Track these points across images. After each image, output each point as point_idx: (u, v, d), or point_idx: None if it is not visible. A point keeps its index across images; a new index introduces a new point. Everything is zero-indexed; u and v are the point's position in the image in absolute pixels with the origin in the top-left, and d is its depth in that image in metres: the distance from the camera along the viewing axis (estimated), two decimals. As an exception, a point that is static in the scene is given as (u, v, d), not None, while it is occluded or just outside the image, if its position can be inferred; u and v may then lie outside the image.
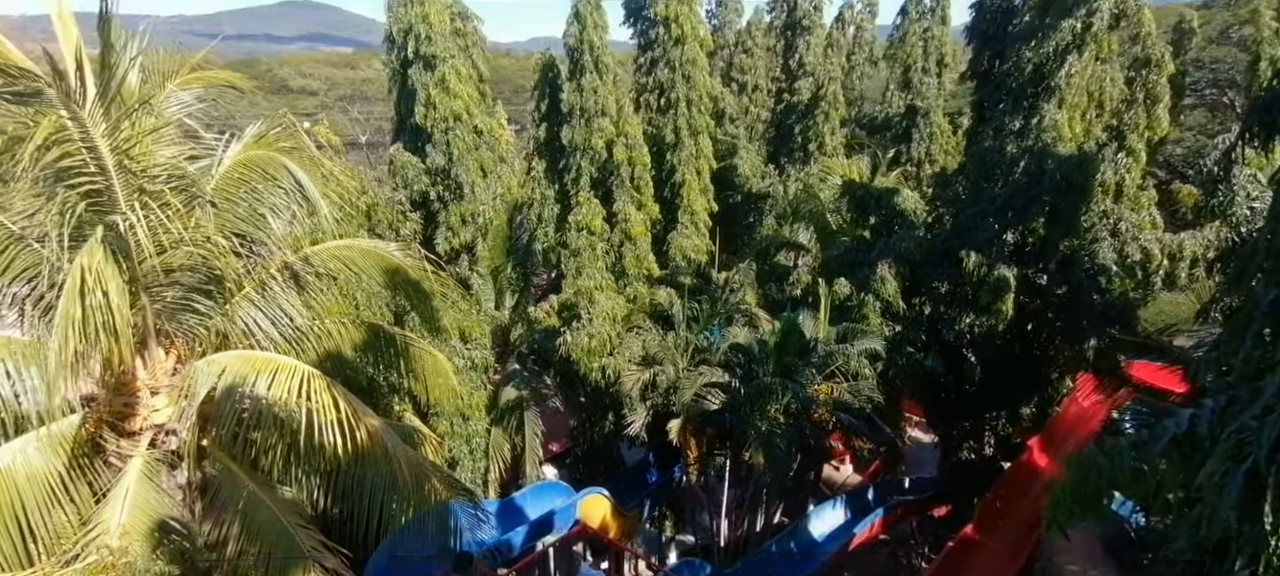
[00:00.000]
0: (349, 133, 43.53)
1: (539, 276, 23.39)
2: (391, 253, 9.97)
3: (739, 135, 27.29)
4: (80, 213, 6.70)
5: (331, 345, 9.60)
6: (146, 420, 7.02)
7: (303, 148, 9.24)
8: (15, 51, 6.69)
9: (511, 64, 63.19)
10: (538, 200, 20.44)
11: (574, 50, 17.87)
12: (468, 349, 17.99)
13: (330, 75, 61.13)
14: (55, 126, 6.42)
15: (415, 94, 17.71)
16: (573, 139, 18.17)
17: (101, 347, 5.94)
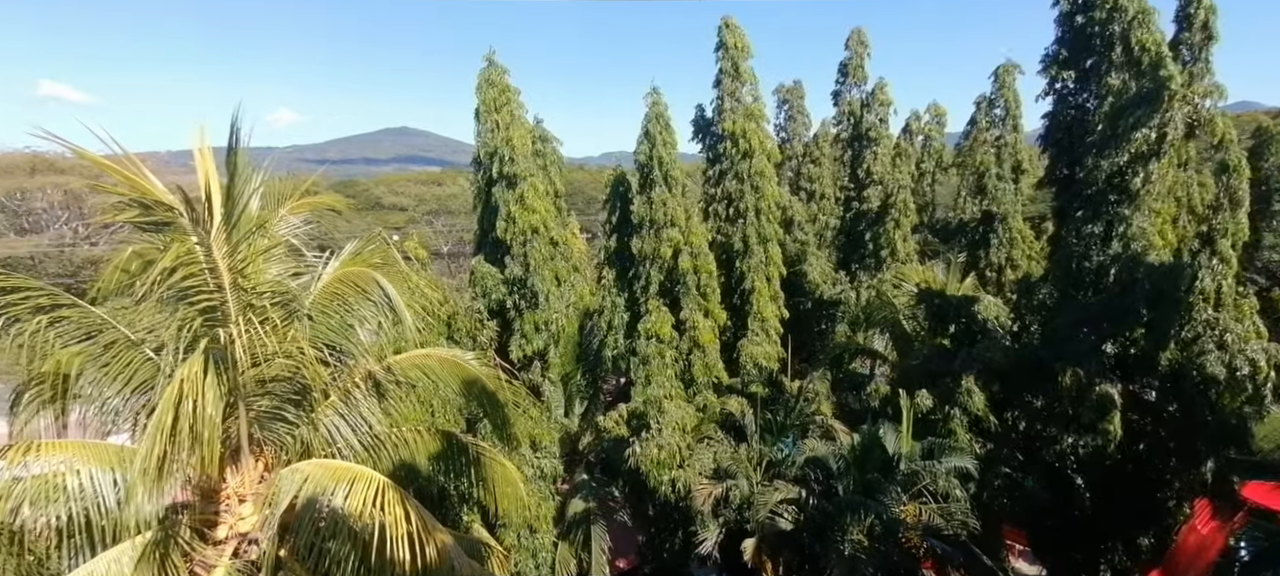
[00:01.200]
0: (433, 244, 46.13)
1: (608, 383, 23.37)
2: (468, 361, 10.20)
3: (808, 242, 27.27)
4: (195, 327, 7.26)
5: (407, 453, 9.73)
6: (233, 528, 7.19)
7: (392, 262, 9.83)
8: (156, 185, 7.50)
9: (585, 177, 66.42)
10: (608, 308, 20.77)
11: (644, 166, 18.63)
12: (537, 457, 17.90)
13: (419, 192, 65.91)
14: (183, 250, 7.07)
15: (497, 210, 18.76)
16: (642, 248, 18.60)
17: (193, 456, 6.22)
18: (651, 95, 18.64)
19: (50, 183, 39.54)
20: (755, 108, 20.81)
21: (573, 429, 20.37)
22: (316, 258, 9.24)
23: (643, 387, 17.74)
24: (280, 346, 7.35)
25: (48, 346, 7.39)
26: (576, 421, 20.55)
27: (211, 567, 6.86)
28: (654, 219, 18.49)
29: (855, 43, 27.91)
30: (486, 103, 19.00)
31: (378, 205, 61.73)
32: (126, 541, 6.57)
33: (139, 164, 7.48)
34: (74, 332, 7.48)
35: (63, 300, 7.33)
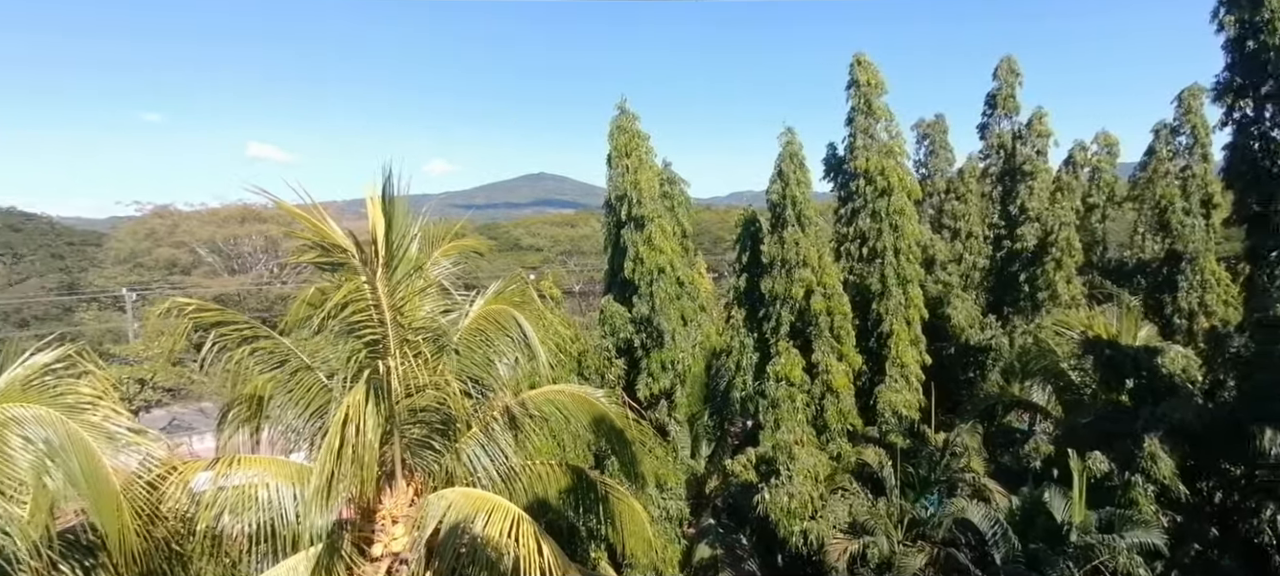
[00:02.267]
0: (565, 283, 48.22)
1: (735, 425, 22.92)
2: (598, 398, 10.44)
3: (952, 283, 25.40)
4: (361, 358, 8.07)
5: (539, 487, 10.06)
6: (387, 547, 7.79)
7: (531, 301, 10.37)
8: (335, 230, 8.49)
9: (712, 217, 66.72)
10: (736, 348, 20.51)
11: (776, 205, 18.41)
12: (663, 498, 17.84)
13: (553, 233, 69.43)
14: (352, 288, 7.92)
15: (626, 250, 19.31)
16: (772, 288, 18.26)
17: (355, 476, 6.84)
18: (786, 135, 18.49)
19: (255, 230, 46.16)
20: (893, 144, 19.97)
21: (699, 471, 20.12)
22: (463, 296, 9.96)
23: (771, 432, 17.22)
24: (431, 378, 7.96)
25: (248, 372, 8.49)
26: (703, 463, 20.30)
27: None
28: (786, 259, 18.13)
29: (1005, 72, 26.04)
30: (617, 148, 19.76)
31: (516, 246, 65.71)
32: (302, 552, 7.31)
33: (322, 212, 8.49)
34: (268, 361, 8.55)
35: (261, 332, 8.43)
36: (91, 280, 47.05)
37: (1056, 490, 14.04)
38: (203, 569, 7.38)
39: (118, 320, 39.35)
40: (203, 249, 46.67)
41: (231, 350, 8.28)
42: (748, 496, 17.11)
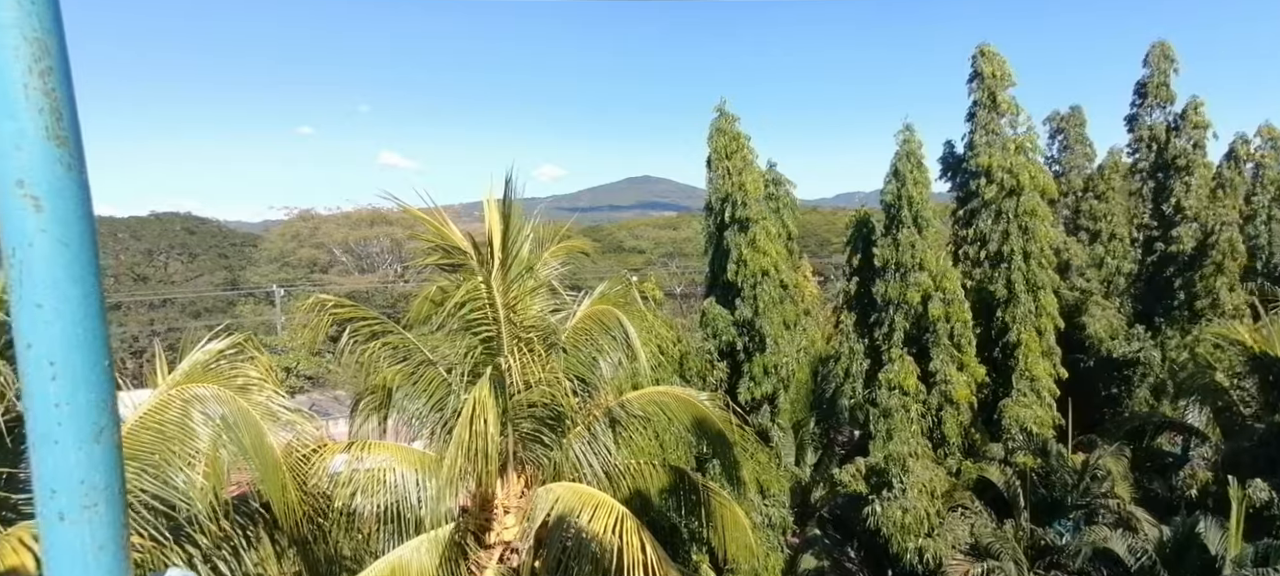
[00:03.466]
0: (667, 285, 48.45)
1: (842, 434, 22.08)
2: (701, 401, 10.42)
3: (1091, 289, 23.12)
4: (477, 355, 8.52)
5: (641, 486, 10.18)
6: (499, 536, 8.16)
7: (633, 302, 10.53)
8: (455, 233, 9.01)
9: (818, 219, 64.74)
10: (846, 354, 19.76)
11: (891, 205, 17.58)
12: (766, 504, 17.50)
13: (656, 236, 69.99)
14: (471, 288, 8.37)
15: (728, 252, 19.10)
16: (886, 293, 17.45)
17: (477, 467, 7.23)
18: (904, 133, 17.62)
19: (382, 232, 50.02)
20: (1023, 139, 18.51)
21: (804, 478, 19.56)
22: (571, 296, 10.26)
23: (883, 442, 16.44)
24: (543, 375, 8.26)
25: (377, 364, 9.18)
26: (808, 471, 19.71)
27: (483, 568, 7.84)
28: (901, 262, 17.27)
29: (1157, 58, 23.39)
30: (718, 150, 19.59)
31: (620, 248, 66.82)
32: (424, 534, 7.82)
33: (443, 216, 9.04)
34: (395, 354, 9.20)
35: (390, 327, 9.09)
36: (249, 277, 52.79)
37: (1213, 522, 12.44)
38: (340, 541, 8.06)
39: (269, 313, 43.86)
40: (338, 249, 51.12)
41: (364, 343, 8.98)
42: (856, 508, 16.43)
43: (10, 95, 0.65)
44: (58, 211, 0.68)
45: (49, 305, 0.68)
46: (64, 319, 0.68)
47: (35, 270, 0.67)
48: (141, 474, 5.88)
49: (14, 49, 0.64)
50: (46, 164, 0.67)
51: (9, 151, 0.65)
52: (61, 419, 0.69)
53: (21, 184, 0.66)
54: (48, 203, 0.67)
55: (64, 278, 0.68)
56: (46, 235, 0.67)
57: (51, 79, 0.66)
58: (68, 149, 0.68)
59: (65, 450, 0.69)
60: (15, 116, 0.65)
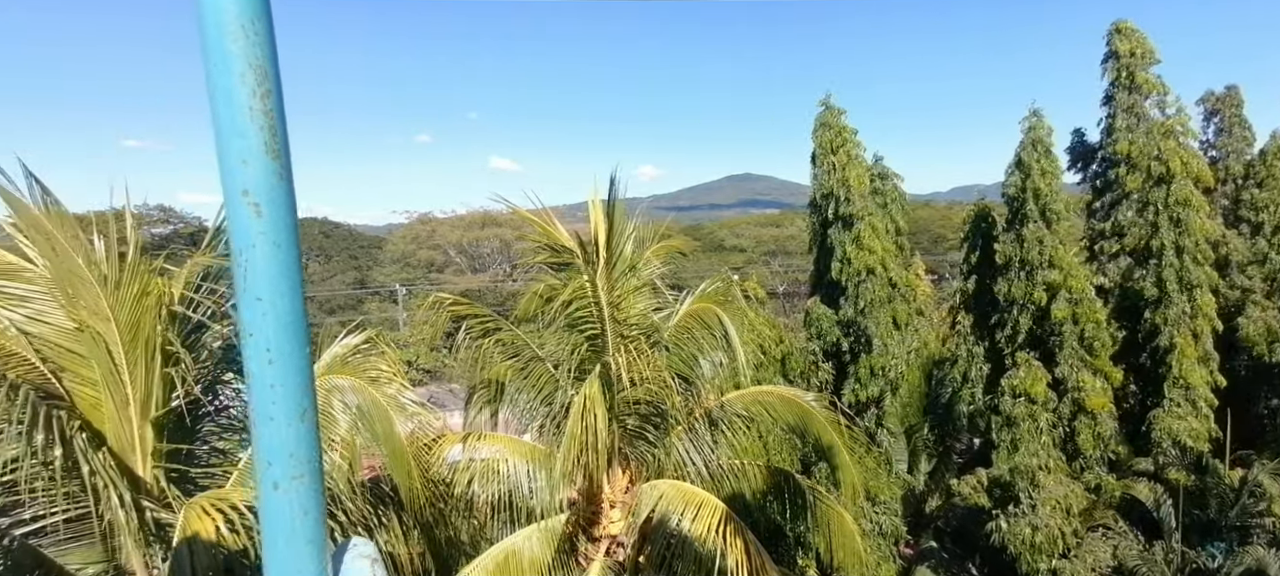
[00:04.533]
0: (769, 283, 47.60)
1: (960, 442, 20.77)
2: (808, 402, 10.18)
3: (1252, 288, 20.38)
4: (583, 352, 8.77)
5: (743, 485, 10.08)
6: (605, 529, 8.36)
7: (734, 300, 10.45)
8: (562, 233, 9.31)
9: (930, 214, 61.30)
10: (963, 357, 18.60)
11: (1014, 199, 16.35)
12: (875, 511, 16.80)
13: (757, 234, 68.87)
14: (578, 287, 8.62)
15: (832, 250, 18.49)
16: (1009, 292, 16.23)
17: (586, 461, 7.44)
18: (1030, 119, 16.35)
19: (493, 233, 52.59)
20: (1172, 122, 16.64)
21: (917, 487, 18.57)
22: (673, 295, 10.33)
23: (1007, 453, 15.31)
24: (649, 372, 8.37)
25: (490, 359, 9.66)
26: (922, 480, 18.70)
27: (591, 560, 8.06)
28: (1026, 259, 16.02)
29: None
30: (822, 145, 19.00)
31: (720, 247, 66.30)
32: (535, 524, 8.15)
33: (551, 216, 9.35)
34: (506, 350, 9.64)
35: (502, 324, 9.53)
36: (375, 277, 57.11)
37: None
38: (458, 527, 8.56)
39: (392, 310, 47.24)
40: (452, 250, 54.22)
41: (478, 339, 9.47)
42: (977, 521, 15.41)
43: (238, 116, 0.75)
44: (273, 217, 0.78)
45: (266, 299, 0.78)
46: (278, 311, 0.78)
47: (256, 268, 0.78)
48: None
49: (241, 76, 0.74)
50: (265, 175, 0.77)
51: (236, 165, 0.76)
52: (276, 399, 0.79)
53: (246, 193, 0.77)
54: (266, 209, 0.77)
55: (278, 275, 0.78)
56: (265, 237, 0.77)
57: (269, 101, 0.76)
58: (280, 161, 0.78)
59: (278, 427, 0.79)
60: (243, 134, 0.76)
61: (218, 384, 6.77)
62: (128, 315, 5.52)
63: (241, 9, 0.72)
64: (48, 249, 5.27)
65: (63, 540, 5.42)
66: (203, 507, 5.10)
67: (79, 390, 5.50)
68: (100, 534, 5.49)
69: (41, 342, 5.41)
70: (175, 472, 5.97)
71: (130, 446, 5.65)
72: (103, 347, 5.51)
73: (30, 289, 5.45)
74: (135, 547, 5.54)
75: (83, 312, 5.38)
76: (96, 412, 5.52)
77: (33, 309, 5.43)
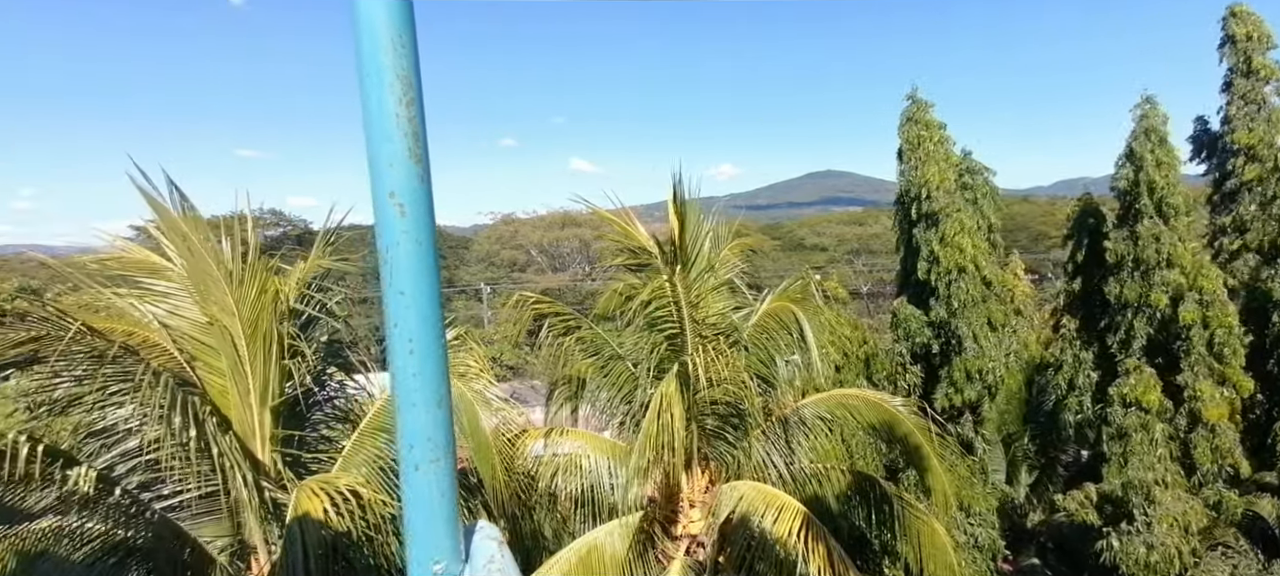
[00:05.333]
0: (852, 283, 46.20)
1: (1066, 453, 19.42)
2: (895, 406, 9.83)
3: None
4: (662, 351, 8.81)
5: (825, 489, 9.84)
6: (685, 528, 8.38)
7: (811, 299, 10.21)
8: (641, 233, 9.39)
9: (1030, 210, 57.61)
10: (1069, 363, 17.38)
11: (1126, 193, 15.15)
12: (970, 523, 15.98)
13: (840, 232, 66.87)
14: (657, 287, 8.67)
15: (919, 249, 17.76)
16: (1122, 294, 15.04)
17: (663, 459, 7.49)
18: (1142, 106, 15.13)
19: (572, 234, 53.71)
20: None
21: (1016, 499, 17.51)
22: (753, 294, 10.22)
23: (1118, 467, 14.20)
24: (727, 372, 8.31)
25: (571, 356, 9.87)
26: (1022, 492, 17.61)
27: (671, 559, 8.09)
28: (1140, 258, 14.80)
29: None
30: (909, 140, 18.32)
31: (800, 246, 64.84)
32: (616, 520, 8.27)
33: (630, 217, 9.45)
34: (587, 348, 9.82)
35: (583, 323, 9.72)
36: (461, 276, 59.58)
37: None
38: (542, 520, 8.81)
39: (477, 308, 49.09)
40: (534, 250, 55.76)
41: (560, 337, 9.69)
42: (1084, 538, 14.37)
43: (386, 122, 0.82)
44: (415, 216, 0.84)
45: (408, 293, 0.84)
46: (419, 304, 0.85)
47: (400, 265, 0.85)
48: (391, 443, 6.93)
49: (389, 86, 0.82)
50: (409, 178, 0.84)
51: (384, 168, 0.83)
52: (417, 386, 0.86)
53: (392, 195, 0.84)
54: (409, 210, 0.84)
55: (419, 271, 0.85)
56: (408, 236, 0.84)
57: (413, 109, 0.83)
58: (421, 165, 0.85)
59: (418, 413, 0.86)
60: (390, 139, 0.83)
61: (324, 376, 7.28)
62: (249, 311, 6.03)
63: (392, 26, 0.80)
64: (185, 249, 5.83)
65: (196, 514, 5.97)
66: (312, 489, 5.49)
67: (209, 378, 6.05)
68: (227, 510, 6.01)
69: (179, 335, 5.99)
70: (289, 457, 6.46)
71: (251, 431, 6.16)
72: (229, 340, 6.04)
73: (170, 286, 6.05)
74: (256, 524, 6.04)
75: (213, 308, 5.92)
76: (224, 399, 6.06)
77: (171, 304, 6.02)
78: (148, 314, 5.92)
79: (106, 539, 5.44)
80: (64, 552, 5.11)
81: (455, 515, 0.91)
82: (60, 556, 5.08)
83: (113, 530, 5.43)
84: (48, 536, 5.14)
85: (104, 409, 5.50)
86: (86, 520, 5.26)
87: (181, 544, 5.75)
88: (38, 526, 5.09)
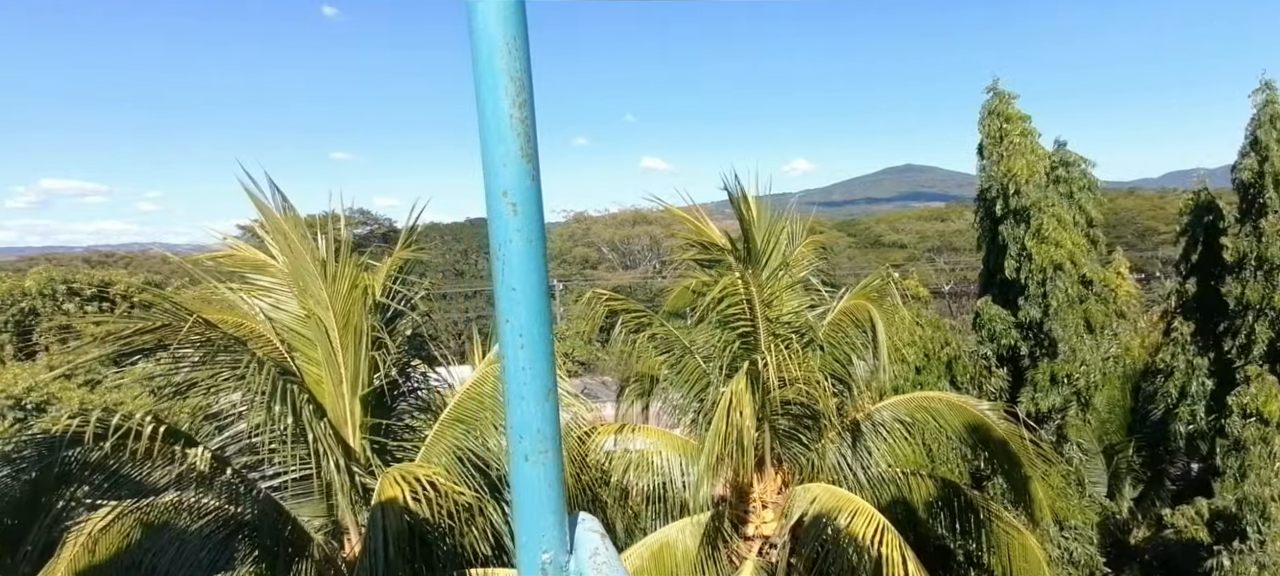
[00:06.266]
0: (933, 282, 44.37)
1: (1176, 466, 17.95)
2: (982, 410, 9.38)
3: None
4: (734, 349, 8.73)
5: (904, 495, 9.51)
6: (757, 529, 8.28)
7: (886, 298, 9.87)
8: (713, 230, 9.33)
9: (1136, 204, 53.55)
10: (1181, 369, 16.05)
11: (1248, 185, 13.85)
12: (1064, 537, 15.05)
13: (920, 228, 64.26)
14: (728, 283, 8.60)
15: (1006, 247, 16.82)
16: (1243, 295, 13.77)
17: (733, 458, 7.42)
18: (1263, 93, 13.79)
19: (643, 231, 54.03)
20: None
21: (1118, 514, 16.32)
22: (829, 292, 9.97)
23: (1233, 482, 13.03)
24: (800, 372, 8.15)
25: (643, 353, 9.93)
26: (1125, 506, 16.40)
27: (743, 559, 8.02)
28: (1264, 256, 13.50)
29: None
30: (991, 134, 17.38)
31: (877, 243, 62.72)
32: (688, 518, 8.27)
33: (702, 214, 9.40)
34: (659, 345, 9.86)
35: (654, 319, 9.76)
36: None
37: None
38: (613, 515, 8.91)
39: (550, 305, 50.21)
40: (605, 248, 56.40)
41: (632, 333, 9.76)
42: (1193, 557, 13.27)
43: (501, 123, 0.86)
44: (527, 214, 0.87)
45: (520, 289, 0.87)
46: (529, 300, 0.87)
47: (512, 261, 0.88)
48: (468, 434, 7.19)
49: (504, 88, 0.85)
50: (520, 177, 0.87)
51: (498, 168, 0.86)
52: (527, 379, 0.89)
53: (505, 193, 0.87)
54: (521, 208, 0.87)
55: (530, 267, 0.88)
56: (520, 233, 0.87)
57: (525, 110, 0.86)
58: (532, 164, 0.88)
59: (528, 405, 0.89)
60: (504, 140, 0.86)
61: (408, 368, 7.62)
62: (342, 304, 6.39)
63: (507, 30, 0.82)
64: (285, 247, 6.24)
65: (296, 495, 6.38)
66: (395, 477, 5.77)
67: (306, 368, 6.46)
68: (320, 492, 6.40)
69: (280, 326, 6.42)
70: (377, 444, 6.81)
71: (343, 419, 6.53)
72: (323, 332, 6.42)
73: (272, 281, 6.49)
74: (348, 506, 6.40)
75: (309, 301, 6.31)
76: (319, 388, 6.45)
77: (274, 298, 6.47)
78: (254, 307, 6.37)
79: (219, 514, 5.90)
80: (183, 525, 5.58)
81: (562, 506, 0.94)
82: (180, 528, 5.54)
83: (224, 506, 5.88)
84: (169, 510, 5.62)
85: (217, 394, 5.95)
86: (202, 496, 5.72)
87: (283, 521, 6.16)
88: (161, 500, 5.57)
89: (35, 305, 20.41)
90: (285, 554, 6.26)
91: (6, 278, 22.13)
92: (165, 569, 5.28)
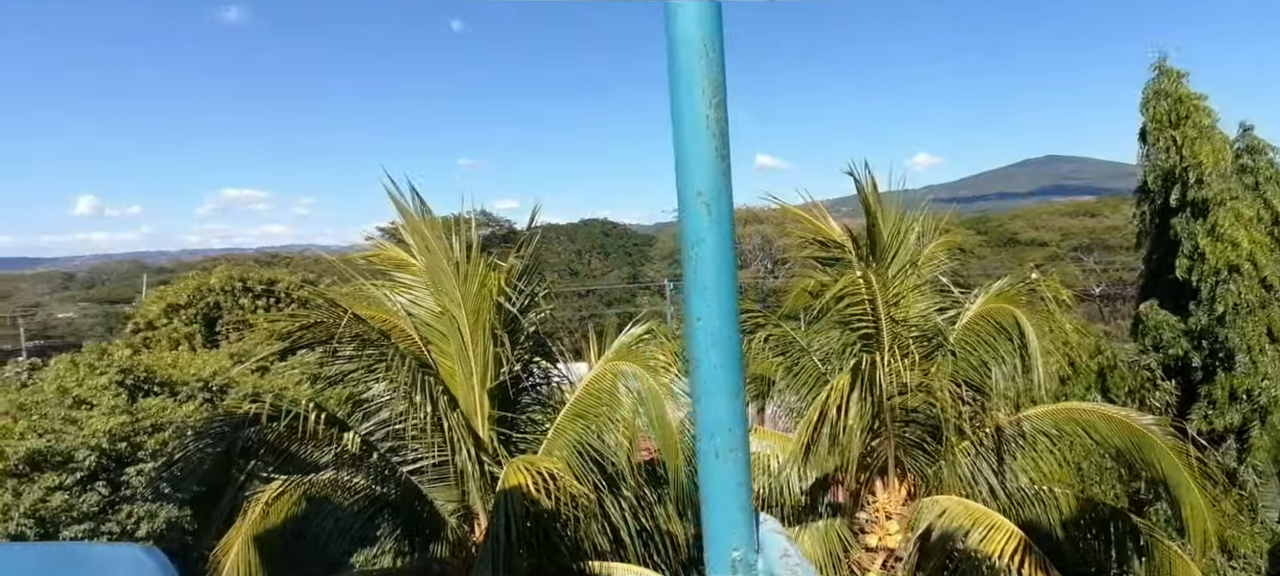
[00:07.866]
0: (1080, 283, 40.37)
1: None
2: (1146, 426, 8.46)
3: None
4: (855, 350, 8.38)
5: (1047, 514, 8.74)
6: (882, 541, 7.92)
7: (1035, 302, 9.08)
8: (833, 227, 9.02)
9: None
10: (1394, 387, 13.67)
11: None
12: (1231, 566, 13.31)
13: (1064, 225, 58.60)
14: (849, 282, 8.28)
15: (1177, 244, 14.99)
16: None
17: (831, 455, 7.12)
18: None
19: (754, 231, 53.21)
20: None
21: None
22: (963, 294, 9.36)
23: None
24: (920, 379, 7.69)
25: (758, 354, 9.77)
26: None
27: (866, 570, 7.69)
28: None
29: None
30: (1156, 118, 15.53)
31: (1013, 241, 57.90)
32: (808, 525, 8.05)
33: (822, 210, 9.12)
34: (774, 346, 9.66)
35: (768, 320, 9.58)
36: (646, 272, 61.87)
37: None
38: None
39: (660, 304, 50.66)
40: (716, 248, 56.03)
41: (748, 334, 9.63)
42: None
43: (696, 124, 0.88)
44: (719, 214, 0.89)
45: (711, 288, 0.89)
46: (720, 299, 0.89)
47: (704, 260, 0.89)
48: (587, 429, 7.41)
49: (701, 90, 0.86)
50: (714, 177, 0.89)
51: (693, 168, 0.88)
52: (717, 377, 0.90)
53: (700, 194, 0.89)
54: (714, 208, 0.89)
55: (721, 267, 0.89)
56: (712, 233, 0.89)
57: (720, 111, 0.88)
58: (725, 164, 0.89)
59: (717, 402, 0.91)
60: (699, 141, 0.88)
61: (531, 364, 7.96)
62: (472, 302, 6.79)
63: (704, 33, 0.84)
64: (422, 246, 6.73)
65: (432, 480, 6.87)
66: (519, 466, 6.05)
67: (441, 361, 6.93)
68: (454, 478, 6.84)
69: (418, 322, 6.94)
70: (503, 435, 7.18)
71: (473, 411, 6.94)
72: (456, 327, 6.86)
73: (412, 279, 7.02)
74: (477, 492, 6.80)
75: (444, 298, 6.76)
76: (452, 380, 6.89)
77: (413, 295, 6.99)
78: (396, 303, 6.92)
79: (367, 493, 6.47)
80: (338, 500, 6.17)
81: (750, 505, 0.94)
82: (336, 503, 6.14)
83: (371, 486, 6.44)
84: (327, 486, 6.23)
85: (367, 384, 6.53)
86: (353, 476, 6.29)
87: (422, 503, 6.64)
88: (321, 477, 6.19)
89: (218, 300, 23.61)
90: (423, 533, 6.75)
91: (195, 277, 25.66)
92: (325, 537, 5.87)
